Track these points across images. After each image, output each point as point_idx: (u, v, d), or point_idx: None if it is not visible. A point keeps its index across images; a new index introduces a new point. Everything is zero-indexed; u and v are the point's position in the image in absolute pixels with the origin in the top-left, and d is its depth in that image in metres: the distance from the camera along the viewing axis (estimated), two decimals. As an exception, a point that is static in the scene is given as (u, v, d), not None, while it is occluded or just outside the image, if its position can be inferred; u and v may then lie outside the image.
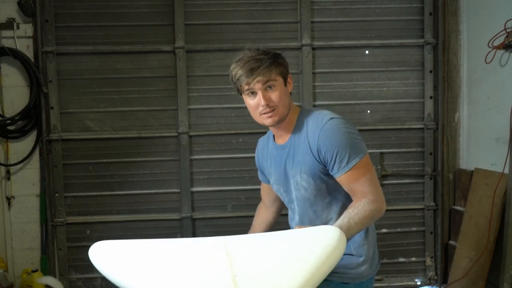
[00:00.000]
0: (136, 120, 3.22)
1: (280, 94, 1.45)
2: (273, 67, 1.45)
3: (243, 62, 1.47)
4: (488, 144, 2.93)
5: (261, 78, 1.43)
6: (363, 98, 3.26)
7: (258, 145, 1.75)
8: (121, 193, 3.23)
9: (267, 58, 1.45)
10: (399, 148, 3.31)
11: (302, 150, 1.47)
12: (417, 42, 3.27)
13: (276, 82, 1.45)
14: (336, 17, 3.24)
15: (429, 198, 3.34)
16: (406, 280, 3.38)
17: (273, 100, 1.45)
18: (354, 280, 1.49)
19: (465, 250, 2.94)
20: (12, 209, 3.20)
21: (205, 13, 3.20)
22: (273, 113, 1.46)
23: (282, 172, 1.55)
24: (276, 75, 1.45)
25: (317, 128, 1.43)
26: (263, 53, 1.47)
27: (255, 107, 1.48)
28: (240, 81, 1.47)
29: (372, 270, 1.55)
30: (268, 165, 1.66)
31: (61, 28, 3.15)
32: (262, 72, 1.43)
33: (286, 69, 1.51)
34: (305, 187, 1.48)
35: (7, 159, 3.16)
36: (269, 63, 1.44)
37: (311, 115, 1.50)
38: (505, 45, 2.64)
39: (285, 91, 1.49)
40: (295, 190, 1.53)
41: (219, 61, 3.20)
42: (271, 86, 1.45)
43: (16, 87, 3.15)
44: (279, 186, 1.60)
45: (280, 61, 1.49)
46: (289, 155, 1.52)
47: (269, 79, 1.44)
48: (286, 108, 1.49)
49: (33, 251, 3.22)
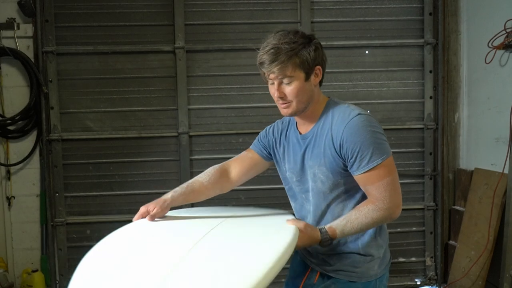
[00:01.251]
0: (136, 120, 3.22)
1: (295, 89, 1.39)
2: (292, 60, 1.35)
3: (268, 48, 1.38)
4: (488, 144, 2.93)
5: (276, 72, 1.37)
6: (363, 98, 3.26)
7: (276, 126, 1.66)
8: (121, 193, 3.23)
9: (288, 49, 1.34)
10: (399, 148, 3.31)
11: (323, 143, 1.42)
12: (417, 42, 3.27)
13: (293, 78, 1.38)
14: (336, 17, 3.24)
15: (429, 198, 3.34)
16: (406, 280, 3.38)
17: (286, 95, 1.40)
18: (361, 279, 1.47)
19: (465, 250, 2.94)
20: (12, 209, 3.20)
21: (205, 13, 3.20)
22: (286, 105, 1.42)
23: (299, 161, 1.50)
24: (294, 70, 1.37)
25: (343, 122, 1.38)
26: (289, 41, 1.36)
27: (272, 94, 1.45)
28: (260, 67, 1.42)
29: (381, 270, 1.54)
30: (281, 150, 1.60)
31: (61, 28, 3.15)
32: (278, 66, 1.35)
33: (312, 62, 1.39)
34: (323, 180, 1.44)
35: (7, 159, 3.17)
36: (289, 56, 1.35)
37: (338, 108, 1.44)
38: (505, 45, 2.65)
39: (305, 86, 1.40)
40: (312, 181, 1.48)
41: (219, 61, 3.20)
42: (287, 81, 1.39)
43: (16, 87, 3.16)
44: (293, 174, 1.54)
45: (304, 53, 1.37)
46: (309, 145, 1.47)
47: (284, 75, 1.37)
48: (303, 103, 1.42)
49: (33, 251, 3.23)
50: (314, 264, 1.55)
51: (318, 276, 1.53)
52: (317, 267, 1.54)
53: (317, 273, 1.54)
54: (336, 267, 1.49)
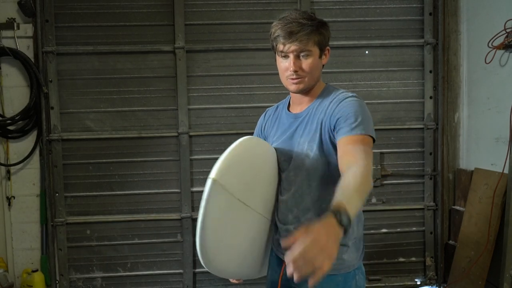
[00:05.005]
0: (136, 120, 3.22)
1: (312, 64, 1.43)
2: (313, 36, 1.41)
3: (285, 22, 1.42)
4: (488, 144, 2.94)
5: (297, 45, 1.40)
6: (363, 98, 3.22)
7: (266, 113, 1.72)
8: (121, 193, 3.23)
9: (309, 24, 1.40)
10: (399, 148, 3.31)
11: (317, 119, 1.45)
12: (417, 42, 3.27)
13: (311, 52, 1.42)
14: (336, 17, 3.24)
15: (429, 198, 3.34)
16: (406, 280, 3.38)
17: (303, 69, 1.43)
18: (340, 270, 1.45)
19: (465, 250, 2.94)
20: (12, 209, 3.21)
21: (205, 13, 3.20)
22: (299, 81, 1.45)
23: (289, 139, 1.51)
24: (313, 45, 1.42)
25: (339, 100, 1.42)
26: (309, 18, 1.42)
27: (284, 70, 1.46)
28: (276, 40, 1.44)
29: (357, 260, 1.50)
30: (274, 130, 1.62)
31: (61, 28, 3.15)
32: (300, 39, 1.39)
33: (326, 40, 1.47)
34: (310, 156, 1.44)
35: (7, 159, 3.17)
36: (310, 30, 1.40)
37: (336, 91, 1.50)
38: (505, 45, 2.65)
39: (318, 63, 1.46)
40: (298, 158, 1.48)
41: (219, 61, 3.20)
42: (305, 55, 1.42)
43: (16, 87, 3.16)
44: (281, 154, 1.54)
45: (323, 31, 1.44)
46: (302, 123, 1.49)
47: (305, 48, 1.41)
48: (314, 80, 1.48)
49: (33, 251, 3.23)
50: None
51: None
52: None
53: None
54: None
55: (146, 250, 3.26)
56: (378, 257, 3.35)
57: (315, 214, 1.46)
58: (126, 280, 3.27)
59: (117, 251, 3.24)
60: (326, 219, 1.02)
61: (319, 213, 1.44)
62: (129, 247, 3.25)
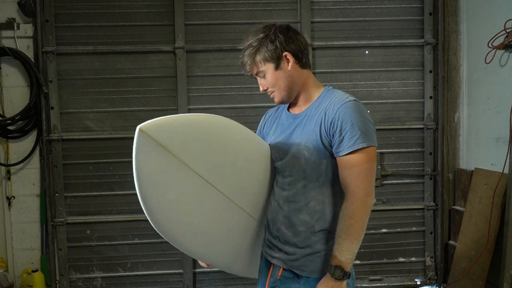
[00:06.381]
0: (136, 120, 3.21)
1: (271, 80, 1.52)
2: (256, 57, 1.49)
3: (242, 51, 1.54)
4: (488, 144, 2.93)
5: (249, 71, 1.54)
6: (363, 98, 3.26)
7: (267, 113, 1.77)
8: (121, 193, 3.23)
9: (251, 49, 1.49)
10: (399, 148, 3.31)
11: (315, 120, 1.46)
12: (417, 42, 3.27)
13: (264, 71, 1.51)
14: (336, 17, 3.24)
15: (429, 198, 3.34)
16: (406, 280, 3.38)
17: (266, 86, 1.55)
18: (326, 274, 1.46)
19: (465, 250, 2.94)
20: (12, 209, 3.21)
21: (205, 13, 3.20)
22: (273, 95, 1.56)
23: (287, 138, 1.53)
24: (262, 64, 1.50)
25: (339, 103, 1.42)
26: (253, 38, 1.50)
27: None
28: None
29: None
30: (273, 129, 1.65)
31: (61, 28, 3.15)
32: (248, 68, 1.53)
33: (278, 50, 1.47)
34: (306, 158, 1.45)
35: (7, 159, 3.17)
36: (252, 54, 1.49)
37: (336, 93, 1.51)
38: (505, 45, 2.65)
39: (278, 74, 1.50)
40: (294, 158, 1.48)
41: (219, 61, 3.20)
42: (261, 75, 1.53)
43: (16, 87, 3.16)
44: (278, 153, 1.56)
45: (263, 50, 1.48)
46: (300, 124, 1.51)
47: (257, 70, 1.52)
48: (284, 90, 1.52)
49: (33, 251, 3.23)
50: (276, 259, 1.53)
51: (281, 271, 1.51)
52: (280, 262, 1.52)
53: (279, 268, 1.52)
54: (299, 262, 1.47)
55: (146, 250, 3.26)
56: (378, 257, 3.36)
57: (307, 214, 1.46)
58: (126, 280, 3.27)
59: (117, 251, 3.24)
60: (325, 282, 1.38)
61: (311, 214, 1.46)
62: (129, 247, 3.25)
